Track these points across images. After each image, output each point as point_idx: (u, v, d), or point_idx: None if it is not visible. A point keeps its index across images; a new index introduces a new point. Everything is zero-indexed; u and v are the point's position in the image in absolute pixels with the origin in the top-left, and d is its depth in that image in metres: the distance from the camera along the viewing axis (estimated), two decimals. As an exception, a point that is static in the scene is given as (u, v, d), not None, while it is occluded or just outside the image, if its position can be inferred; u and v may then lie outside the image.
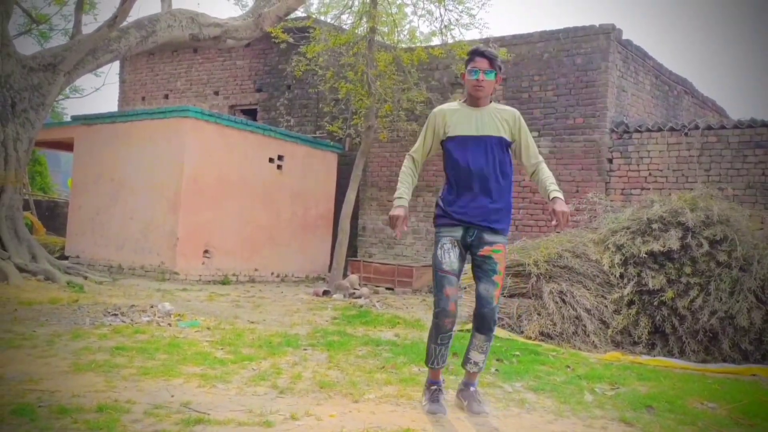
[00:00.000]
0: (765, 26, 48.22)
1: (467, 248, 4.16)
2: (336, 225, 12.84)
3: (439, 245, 4.14)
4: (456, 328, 4.19)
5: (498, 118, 4.15)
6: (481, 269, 4.11)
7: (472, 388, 4.22)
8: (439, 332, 4.08)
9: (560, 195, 4.10)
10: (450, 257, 4.09)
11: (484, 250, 4.09)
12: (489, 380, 5.13)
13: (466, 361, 4.22)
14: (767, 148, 10.45)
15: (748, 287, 6.86)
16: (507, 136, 4.15)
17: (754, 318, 6.70)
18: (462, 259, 4.14)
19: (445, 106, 4.31)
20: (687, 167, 11.09)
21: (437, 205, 4.26)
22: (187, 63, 18.00)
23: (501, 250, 4.11)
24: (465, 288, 8.00)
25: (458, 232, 4.12)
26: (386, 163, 14.48)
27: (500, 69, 4.18)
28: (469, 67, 4.16)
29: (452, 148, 4.16)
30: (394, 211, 4.18)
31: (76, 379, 4.34)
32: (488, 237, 4.09)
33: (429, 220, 13.64)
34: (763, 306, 6.82)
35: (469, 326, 7.62)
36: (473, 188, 4.08)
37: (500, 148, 4.11)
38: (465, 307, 8.41)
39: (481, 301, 4.09)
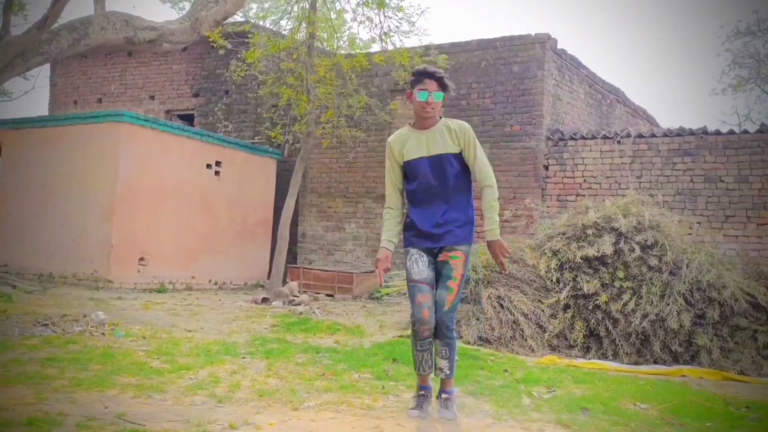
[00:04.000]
0: (693, 38, 49.87)
1: (435, 257, 4.26)
2: (275, 232, 12.75)
3: (408, 256, 4.25)
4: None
5: (447, 134, 4.19)
6: (439, 274, 4.20)
7: (444, 395, 4.27)
8: (417, 339, 4.17)
9: (495, 233, 4.17)
10: (419, 266, 4.19)
11: (443, 256, 4.20)
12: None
13: (434, 368, 4.28)
14: (695, 156, 10.83)
15: (677, 291, 7.09)
16: (454, 149, 4.18)
17: (683, 320, 6.93)
18: (432, 268, 4.22)
19: (395, 135, 4.35)
20: (619, 174, 11.40)
21: (405, 225, 4.34)
22: (121, 66, 17.62)
23: (459, 256, 4.18)
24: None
25: (423, 247, 4.23)
26: (326, 169, 14.46)
27: (448, 89, 4.21)
28: (417, 88, 4.16)
29: (409, 172, 4.25)
30: (378, 255, 4.28)
31: (4, 392, 4.20)
32: (450, 246, 4.19)
33: (369, 227, 13.68)
34: (692, 309, 7.05)
35: (409, 332, 7.67)
36: (431, 209, 4.18)
37: (453, 163, 4.17)
38: (404, 313, 8.47)
39: (434, 305, 4.15)
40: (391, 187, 4.37)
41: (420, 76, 4.17)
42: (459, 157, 4.20)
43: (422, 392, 4.28)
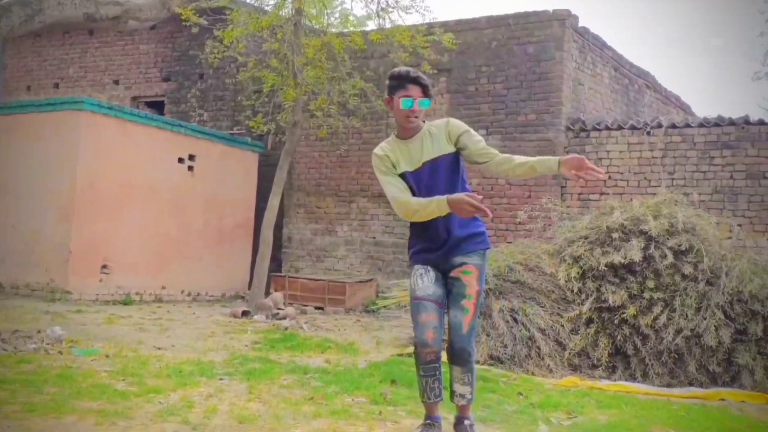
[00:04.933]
0: (733, 16, 49.90)
1: (444, 273, 4.25)
2: (257, 235, 12.75)
3: (413, 272, 4.24)
4: (443, 356, 4.20)
5: (434, 136, 4.19)
6: (451, 293, 4.17)
7: (466, 422, 4.23)
8: (420, 363, 4.15)
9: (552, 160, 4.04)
10: (423, 282, 4.17)
11: (454, 272, 4.17)
12: (432, 411, 5.17)
13: (452, 395, 4.26)
14: (735, 149, 10.84)
15: (715, 303, 7.09)
16: (450, 148, 4.18)
17: (722, 336, 6.92)
18: (441, 285, 4.20)
19: (383, 147, 4.31)
20: (649, 170, 11.41)
21: (408, 241, 4.36)
22: (81, 47, 17.61)
23: (472, 271, 4.14)
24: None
25: (432, 263, 4.22)
26: (315, 164, 14.46)
27: (431, 97, 4.21)
28: (399, 95, 4.14)
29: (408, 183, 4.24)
30: (459, 197, 3.88)
31: (-53, 418, 4.19)
32: (459, 259, 4.16)
33: (363, 229, 13.68)
34: (732, 323, 7.05)
35: (410, 350, 7.65)
36: (434, 222, 4.12)
37: (449, 166, 4.16)
38: (404, 328, 8.48)
39: (450, 331, 4.13)
40: (398, 192, 4.15)
41: (401, 80, 4.15)
42: (455, 157, 4.19)
43: (429, 421, 4.24)
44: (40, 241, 11.75)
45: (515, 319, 7.53)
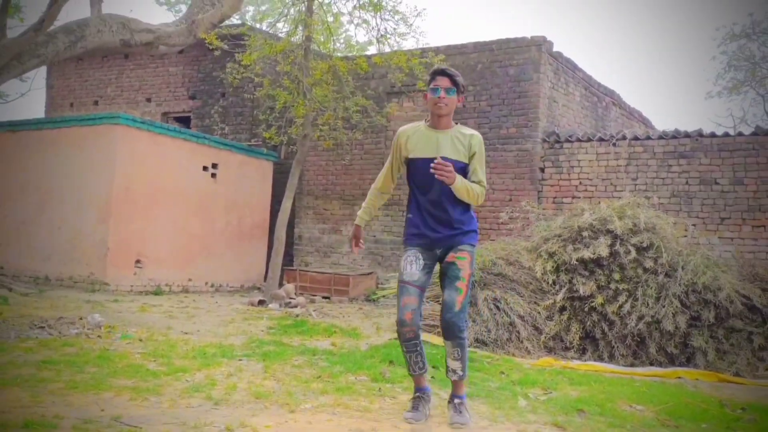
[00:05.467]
0: (689, 41, 50.07)
1: (439, 260, 4.26)
2: (272, 234, 12.74)
3: (404, 257, 4.24)
4: (422, 334, 4.23)
5: (459, 141, 4.18)
6: (446, 276, 4.17)
7: (456, 399, 4.21)
8: (402, 340, 4.17)
9: (460, 182, 4.08)
10: (411, 268, 4.17)
11: (449, 257, 4.18)
12: (425, 387, 5.17)
13: (447, 370, 4.26)
14: (690, 159, 10.85)
15: (673, 293, 7.10)
16: (463, 159, 4.18)
17: (678, 322, 6.94)
18: (427, 273, 4.21)
19: (409, 126, 4.35)
20: (615, 176, 11.42)
21: (406, 223, 4.34)
22: (117, 69, 17.61)
23: (465, 257, 4.17)
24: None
25: (423, 249, 4.22)
26: (322, 171, 14.45)
27: (463, 88, 4.24)
28: (431, 86, 4.21)
29: (413, 169, 4.25)
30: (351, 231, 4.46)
31: (0, 394, 4.19)
32: (455, 247, 4.19)
33: (366, 229, 13.62)
34: (688, 311, 7.06)
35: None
36: (434, 209, 4.17)
37: (459, 172, 4.13)
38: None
39: (444, 306, 4.11)
40: (387, 172, 4.42)
41: (433, 74, 4.24)
42: (465, 169, 4.19)
43: (418, 394, 4.25)
44: (82, 239, 11.74)
45: (498, 307, 7.53)
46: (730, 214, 10.48)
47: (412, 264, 4.18)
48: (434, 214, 4.19)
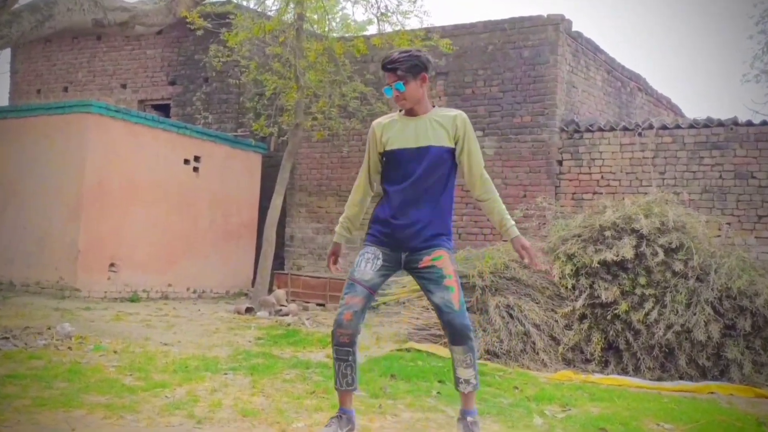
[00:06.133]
0: (722, 20, 49.93)
1: (404, 266, 4.11)
2: (260, 234, 12.74)
3: (361, 252, 4.13)
4: (359, 343, 4.05)
5: (438, 124, 4.06)
6: (429, 280, 4.00)
7: (469, 417, 4.03)
8: (333, 344, 3.99)
9: (515, 230, 4.09)
10: (366, 266, 4.04)
11: (424, 262, 4.01)
12: (430, 404, 5.18)
13: (456, 382, 4.07)
14: (724, 150, 10.84)
15: (705, 299, 7.09)
16: (448, 143, 4.05)
17: (711, 331, 6.93)
18: (382, 276, 4.07)
19: (383, 118, 4.26)
20: (641, 170, 11.41)
21: (371, 218, 4.21)
22: (89, 52, 17.60)
23: (442, 255, 4.01)
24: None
25: (386, 249, 4.08)
26: (316, 164, 14.46)
27: (422, 64, 4.06)
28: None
29: (389, 163, 4.12)
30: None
31: (-41, 412, 4.20)
32: (425, 250, 4.03)
33: (364, 229, 13.63)
34: (721, 319, 7.06)
35: (409, 345, 7.67)
36: (408, 208, 4.02)
37: (441, 158, 4.02)
38: (403, 324, 8.48)
39: (440, 312, 3.97)
40: (364, 177, 4.27)
41: (383, 71, 4.13)
42: (451, 153, 4.07)
43: (339, 413, 4.04)
44: (50, 240, 11.74)
45: (511, 315, 7.54)
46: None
47: (369, 262, 4.04)
48: (408, 212, 4.03)
